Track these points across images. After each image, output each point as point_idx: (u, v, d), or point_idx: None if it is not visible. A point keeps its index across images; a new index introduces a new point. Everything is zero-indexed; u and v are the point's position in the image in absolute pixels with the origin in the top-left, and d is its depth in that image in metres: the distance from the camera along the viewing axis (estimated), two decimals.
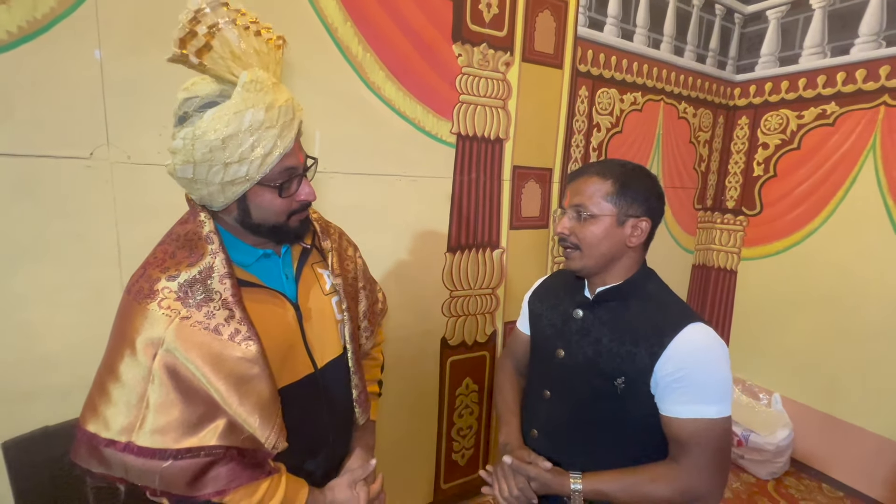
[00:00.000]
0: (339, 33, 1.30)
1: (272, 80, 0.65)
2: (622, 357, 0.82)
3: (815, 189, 2.13)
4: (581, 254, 0.86)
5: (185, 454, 0.62)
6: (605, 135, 1.96)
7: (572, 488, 0.82)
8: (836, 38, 2.01)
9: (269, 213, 0.70)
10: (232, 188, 0.65)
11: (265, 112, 0.62)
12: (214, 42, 0.60)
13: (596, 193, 0.83)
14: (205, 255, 0.67)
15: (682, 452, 0.79)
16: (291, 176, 0.69)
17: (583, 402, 0.88)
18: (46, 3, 0.97)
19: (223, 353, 0.64)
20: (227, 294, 0.66)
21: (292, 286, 0.78)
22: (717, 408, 0.77)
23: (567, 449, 0.91)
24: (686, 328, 0.79)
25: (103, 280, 1.10)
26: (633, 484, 0.80)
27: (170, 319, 0.63)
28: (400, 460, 1.70)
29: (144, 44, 1.06)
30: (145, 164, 1.11)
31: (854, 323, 2.03)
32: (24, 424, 1.00)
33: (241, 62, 0.62)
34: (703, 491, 0.78)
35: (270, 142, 0.63)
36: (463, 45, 1.52)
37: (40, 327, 1.04)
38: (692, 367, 0.77)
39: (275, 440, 0.69)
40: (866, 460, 2.01)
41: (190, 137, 0.61)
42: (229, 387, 0.65)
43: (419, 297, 1.62)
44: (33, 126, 0.98)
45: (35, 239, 1.01)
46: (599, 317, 0.88)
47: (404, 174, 1.50)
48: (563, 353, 0.91)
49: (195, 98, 0.63)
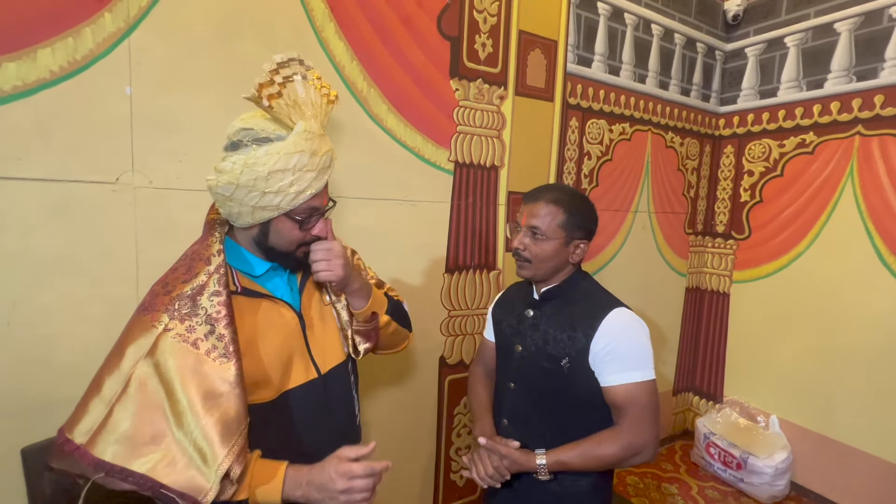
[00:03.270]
0: (346, 71, 1.42)
1: (320, 131, 0.76)
2: (564, 342, 0.99)
3: (800, 213, 2.21)
4: (532, 265, 1.04)
5: (115, 472, 0.63)
6: (595, 162, 2.06)
7: (537, 463, 0.97)
8: (810, 73, 2.15)
9: (285, 241, 0.80)
10: (262, 213, 0.75)
11: (310, 157, 0.73)
12: (285, 90, 0.71)
13: (549, 219, 1.01)
14: (199, 274, 0.74)
15: (620, 415, 0.97)
16: (313, 214, 0.79)
17: (538, 384, 1.05)
18: (86, 45, 1.08)
19: (197, 367, 0.68)
20: (213, 311, 0.71)
21: (296, 297, 0.86)
22: (642, 372, 0.95)
23: (532, 431, 1.05)
24: (612, 311, 0.98)
25: (121, 296, 1.17)
26: (585, 449, 0.97)
27: (156, 329, 0.69)
28: (398, 480, 1.72)
29: (170, 81, 1.18)
30: (165, 188, 1.20)
31: (842, 343, 2.07)
32: (43, 432, 1.05)
33: (299, 111, 0.73)
34: (640, 444, 0.95)
35: (306, 183, 0.74)
36: (460, 80, 1.64)
37: (62, 339, 1.11)
38: (618, 341, 0.96)
39: (230, 462, 0.66)
40: (866, 483, 2.01)
41: (241, 163, 0.71)
42: (199, 397, 0.67)
43: (419, 316, 1.66)
44: (68, 154, 1.08)
45: (63, 256, 1.09)
46: (545, 312, 1.07)
47: (405, 199, 1.59)
48: (520, 348, 1.08)
49: (252, 130, 0.73)
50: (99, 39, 1.09)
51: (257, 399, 0.77)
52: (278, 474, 0.73)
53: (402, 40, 1.51)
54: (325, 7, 1.36)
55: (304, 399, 0.81)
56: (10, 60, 1.01)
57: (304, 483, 0.73)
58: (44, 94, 1.05)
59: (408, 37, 1.52)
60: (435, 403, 1.78)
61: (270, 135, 0.73)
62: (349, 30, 1.40)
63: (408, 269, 1.64)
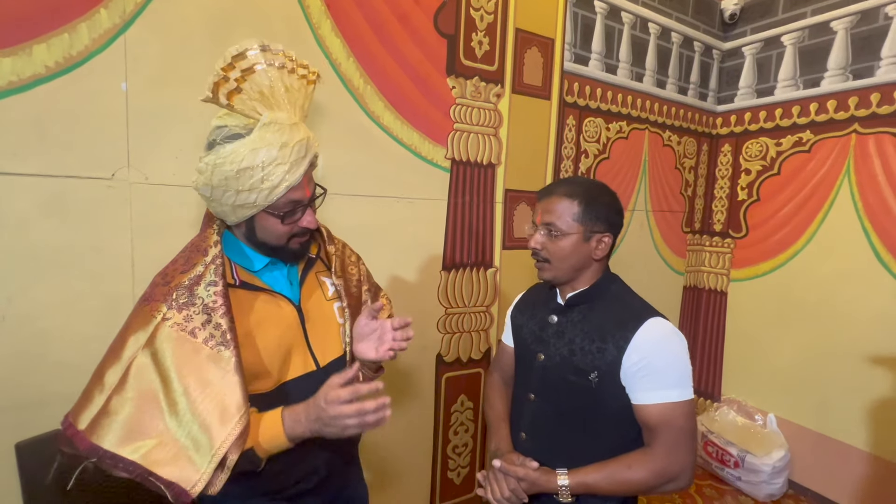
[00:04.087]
0: (342, 68, 1.42)
1: (291, 120, 0.74)
2: (593, 353, 0.90)
3: (797, 212, 2.22)
4: (551, 266, 0.96)
5: (107, 458, 0.64)
6: (592, 161, 2.07)
7: (559, 484, 0.87)
8: (806, 72, 2.15)
9: (271, 236, 0.79)
10: (242, 211, 0.75)
11: (278, 150, 0.71)
12: (245, 85, 0.70)
13: (565, 213, 0.93)
14: (196, 265, 0.75)
15: (653, 437, 0.87)
16: (296, 206, 0.78)
17: (562, 398, 0.95)
18: (81, 41, 1.08)
19: (194, 355, 0.69)
20: (209, 300, 0.71)
21: (296, 291, 0.86)
22: (679, 391, 0.85)
23: (553, 448, 0.96)
24: (646, 322, 0.88)
25: (117, 292, 1.17)
26: (613, 472, 0.87)
27: (155, 320, 0.70)
28: (394, 478, 1.72)
29: (166, 77, 1.18)
30: (161, 184, 1.20)
31: (839, 341, 2.07)
32: (36, 428, 1.06)
33: (267, 101, 0.72)
34: (675, 470, 0.85)
35: (279, 177, 0.72)
36: (456, 78, 1.64)
37: (57, 335, 1.11)
38: (653, 356, 0.86)
39: (227, 448, 0.67)
40: (863, 481, 2.01)
41: (211, 164, 0.71)
42: (195, 384, 0.68)
43: (415, 314, 1.65)
44: (63, 149, 1.08)
45: (58, 251, 1.09)
46: (571, 319, 0.97)
47: (402, 196, 1.59)
48: (542, 357, 0.99)
49: (224, 128, 0.73)
50: (94, 35, 1.09)
51: (256, 389, 0.78)
52: (276, 418, 0.74)
53: (398, 37, 1.51)
54: (321, 3, 1.36)
55: (303, 390, 0.82)
56: (4, 56, 1.01)
57: (303, 419, 0.74)
58: (39, 90, 1.05)
59: (404, 34, 1.52)
60: (432, 401, 1.78)
61: (241, 131, 0.72)
62: (345, 26, 1.41)
63: (405, 266, 1.64)
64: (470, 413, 1.88)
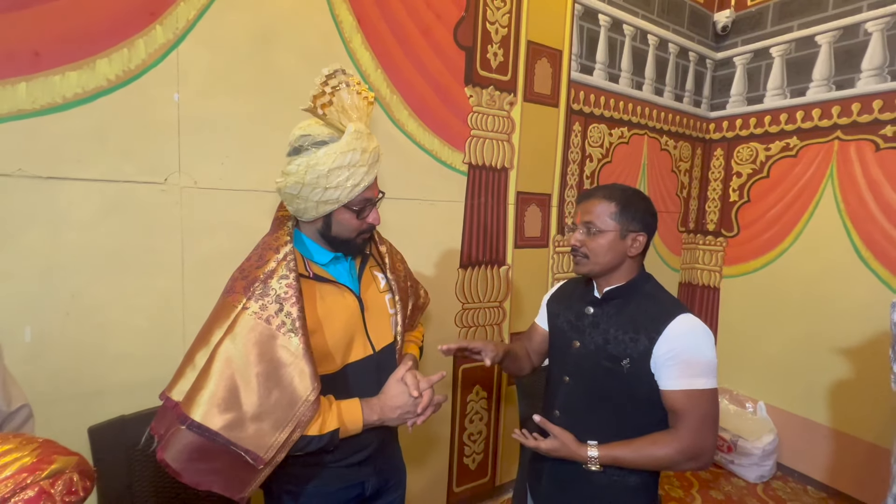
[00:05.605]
0: (371, 78, 1.52)
1: (367, 130, 0.87)
2: (626, 343, 0.99)
3: (784, 212, 2.37)
4: (589, 261, 1.04)
5: (194, 427, 0.74)
6: (596, 164, 2.19)
7: (589, 454, 0.97)
8: (793, 82, 2.31)
9: (345, 230, 0.91)
10: (324, 206, 0.86)
11: (361, 154, 0.84)
12: (334, 99, 0.82)
13: (603, 213, 1.02)
14: (269, 262, 0.85)
15: (678, 419, 0.95)
16: (367, 204, 0.90)
17: (595, 381, 1.05)
18: (139, 56, 1.17)
19: (269, 341, 0.79)
20: (281, 292, 0.82)
21: (356, 283, 0.96)
22: (704, 380, 0.93)
23: (584, 425, 1.05)
24: (677, 317, 0.96)
25: (168, 289, 1.25)
26: (640, 447, 0.96)
27: (236, 309, 0.80)
28: (414, 463, 1.82)
29: (214, 88, 1.27)
30: (209, 188, 1.29)
31: (824, 333, 2.23)
32: (102, 414, 1.14)
33: (347, 115, 0.84)
34: (696, 450, 0.94)
35: (360, 177, 0.85)
36: (473, 87, 1.75)
37: (115, 329, 1.19)
38: (682, 348, 0.94)
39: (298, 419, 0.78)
40: (846, 461, 2.17)
41: (304, 165, 0.82)
42: (270, 367, 0.78)
43: (435, 309, 1.79)
44: (122, 156, 1.17)
45: (116, 252, 1.18)
46: (607, 312, 1.06)
47: (424, 199, 1.70)
48: (578, 344, 1.09)
49: (310, 136, 0.84)
50: (151, 50, 1.18)
51: (324, 371, 0.88)
52: (356, 406, 0.89)
53: (421, 50, 1.61)
54: (353, 19, 1.46)
55: (362, 372, 0.92)
56: (71, 70, 1.09)
57: (378, 409, 0.91)
58: (101, 101, 1.13)
59: (427, 47, 1.62)
60: (450, 391, 1.88)
61: (326, 138, 0.84)
62: (374, 40, 1.50)
63: (426, 264, 1.75)
64: (484, 403, 1.99)
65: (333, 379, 0.90)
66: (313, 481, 0.92)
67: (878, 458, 2.04)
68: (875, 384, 2.05)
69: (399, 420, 0.93)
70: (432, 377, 0.97)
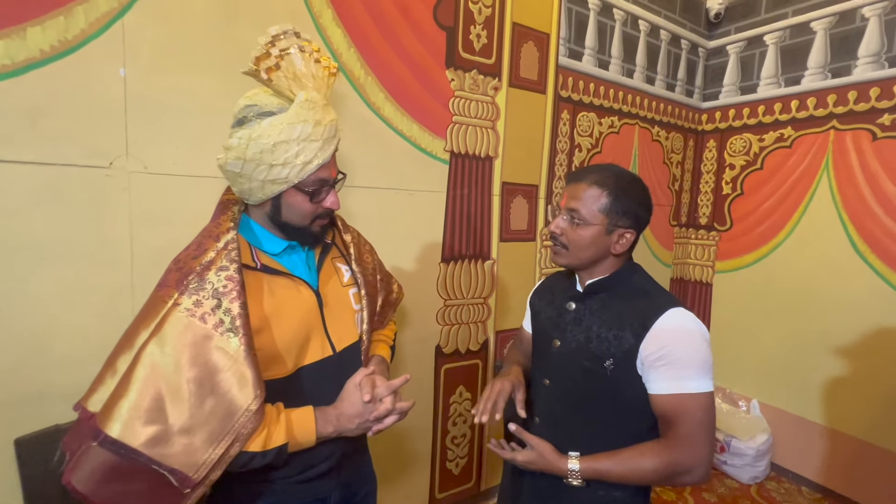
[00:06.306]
0: (343, 58, 1.41)
1: (323, 101, 0.76)
2: (610, 341, 0.89)
3: (779, 205, 2.30)
4: (567, 252, 0.94)
5: (108, 444, 0.63)
6: (586, 154, 2.10)
7: (569, 467, 0.87)
8: (788, 70, 2.24)
9: (297, 215, 0.80)
10: (271, 186, 0.75)
11: (313, 127, 0.73)
12: (283, 63, 0.71)
13: (591, 202, 0.89)
14: (208, 251, 0.74)
15: (668, 427, 0.84)
16: (322, 185, 0.79)
17: (577, 384, 0.95)
18: (77, 24, 1.05)
19: (204, 342, 0.68)
20: (219, 285, 0.71)
21: (314, 276, 0.86)
22: (698, 383, 0.82)
23: (566, 434, 0.95)
24: (667, 312, 0.86)
25: (116, 284, 1.14)
26: (625, 459, 0.85)
27: (166, 305, 0.70)
28: (395, 469, 1.72)
29: (166, 65, 1.15)
30: (161, 174, 1.17)
31: (818, 329, 2.17)
32: (35, 423, 1.02)
33: (299, 83, 0.73)
34: (690, 462, 0.82)
35: (312, 153, 0.74)
36: (455, 70, 1.65)
37: (55, 328, 1.08)
38: (672, 346, 0.83)
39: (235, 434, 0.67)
40: (841, 461, 2.11)
41: (246, 138, 0.71)
42: (202, 373, 0.67)
43: (415, 305, 1.69)
44: (60, 137, 1.05)
45: (55, 243, 1.06)
46: (590, 307, 0.96)
47: (401, 188, 1.59)
48: (558, 343, 0.98)
49: (255, 106, 0.74)
50: (91, 19, 1.06)
51: (274, 374, 0.78)
52: (308, 417, 0.78)
53: (398, 29, 1.51)
54: None
55: (319, 375, 0.82)
56: None
57: (334, 418, 0.80)
58: (34, 74, 1.01)
59: (405, 25, 1.52)
60: (431, 392, 1.79)
61: (273, 108, 0.74)
62: (347, 17, 1.40)
63: (405, 258, 1.65)
64: (468, 404, 1.90)
65: (286, 384, 0.80)
66: (263, 498, 0.81)
67: (874, 458, 1.98)
68: (872, 381, 1.99)
69: (359, 430, 0.82)
70: (394, 381, 0.86)
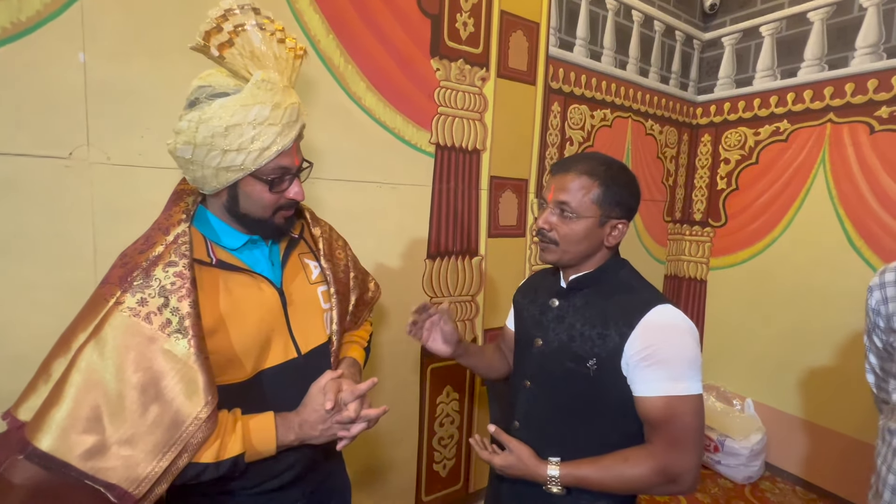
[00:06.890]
0: (321, 45, 1.35)
1: (283, 82, 0.70)
2: (593, 340, 0.84)
3: (774, 200, 2.26)
4: (558, 248, 0.88)
5: (37, 457, 0.58)
6: (577, 148, 2.05)
7: (549, 473, 0.82)
8: (784, 62, 2.18)
9: (257, 206, 0.74)
10: (226, 174, 0.69)
11: (270, 110, 0.67)
12: (237, 40, 0.65)
13: (582, 193, 0.84)
14: (156, 245, 0.68)
15: (655, 432, 0.80)
16: (284, 174, 0.73)
17: (558, 385, 0.90)
18: (32, 6, 0.99)
19: (148, 344, 0.63)
20: (167, 282, 0.65)
21: (278, 272, 0.80)
22: (686, 384, 0.78)
23: (547, 438, 0.91)
24: (654, 308, 0.81)
25: (78, 280, 1.08)
26: (608, 466, 0.81)
27: (108, 304, 0.64)
28: (380, 472, 1.67)
29: (129, 49, 1.09)
30: (125, 165, 1.11)
31: (814, 327, 2.13)
32: None
33: (258, 63, 0.67)
34: (676, 469, 0.78)
35: (270, 138, 0.68)
36: (441, 60, 1.59)
37: (12, 327, 1.02)
38: (659, 344, 0.78)
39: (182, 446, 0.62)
40: (836, 461, 2.07)
41: (195, 121, 0.65)
42: (145, 379, 0.62)
43: (400, 303, 1.63)
44: (14, 125, 0.99)
45: (12, 237, 1.00)
46: (573, 304, 0.91)
47: (385, 182, 1.54)
48: (540, 342, 0.93)
49: (209, 87, 0.68)
50: (46, 0, 1.00)
51: (230, 379, 0.72)
52: (268, 424, 0.72)
53: (380, 15, 1.45)
54: None
55: (282, 379, 0.76)
56: None
57: (297, 425, 0.74)
58: None
59: (387, 12, 1.46)
60: (417, 392, 1.73)
61: (228, 89, 0.68)
62: (324, 2, 1.34)
63: (388, 254, 1.59)
64: (455, 405, 1.85)
65: (244, 389, 0.74)
66: None
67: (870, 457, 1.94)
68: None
69: (324, 438, 0.76)
70: (360, 386, 0.78)
